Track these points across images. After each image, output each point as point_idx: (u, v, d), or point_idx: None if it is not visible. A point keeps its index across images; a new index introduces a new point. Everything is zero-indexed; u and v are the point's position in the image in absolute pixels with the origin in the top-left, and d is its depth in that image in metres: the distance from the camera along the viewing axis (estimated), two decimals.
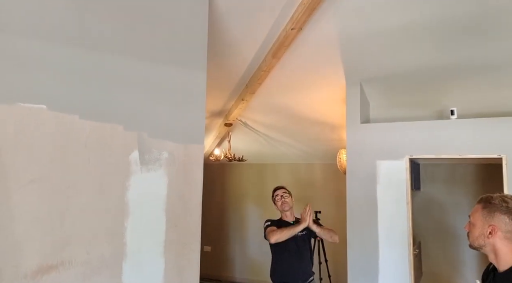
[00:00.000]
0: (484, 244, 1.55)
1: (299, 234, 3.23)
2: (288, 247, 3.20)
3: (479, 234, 1.56)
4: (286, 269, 3.23)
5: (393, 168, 3.95)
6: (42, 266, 1.59)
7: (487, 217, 1.54)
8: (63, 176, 1.70)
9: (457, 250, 5.28)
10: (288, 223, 3.34)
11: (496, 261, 1.54)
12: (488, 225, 1.53)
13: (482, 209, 1.57)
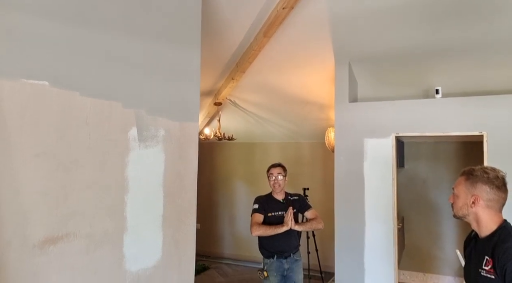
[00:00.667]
0: (467, 213, 1.67)
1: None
2: (278, 222, 3.30)
3: (462, 204, 1.67)
4: (275, 244, 3.33)
5: (380, 146, 4.08)
6: (48, 237, 1.65)
7: (470, 188, 1.65)
8: (66, 152, 1.75)
9: (438, 224, 5.51)
10: (277, 201, 3.42)
11: (478, 228, 1.67)
12: (471, 195, 1.64)
13: (465, 181, 1.68)
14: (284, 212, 3.31)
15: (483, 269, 1.57)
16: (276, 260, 3.27)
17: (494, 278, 1.53)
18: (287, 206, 3.39)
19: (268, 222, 3.34)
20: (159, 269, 2.30)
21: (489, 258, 1.55)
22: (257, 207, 3.35)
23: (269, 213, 3.36)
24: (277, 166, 3.52)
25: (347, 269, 4.09)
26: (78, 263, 1.79)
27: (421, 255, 5.56)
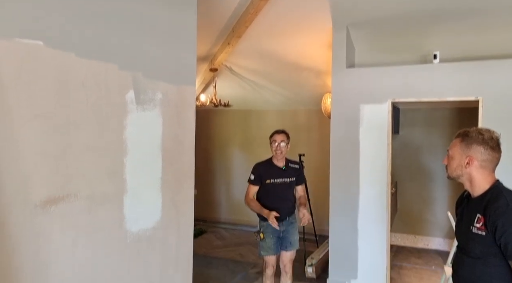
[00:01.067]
0: (461, 174, 1.71)
1: (287, 180, 3.44)
2: (276, 191, 3.41)
3: (457, 165, 1.71)
4: (272, 209, 3.36)
5: (376, 112, 4.09)
6: (50, 197, 1.68)
7: (465, 149, 1.68)
8: (64, 114, 1.75)
9: (430, 189, 5.63)
10: (278, 168, 3.45)
11: (471, 188, 1.71)
12: (465, 156, 1.68)
13: (460, 143, 1.72)
14: (283, 179, 3.39)
15: (474, 227, 1.62)
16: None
17: (485, 234, 1.58)
18: (287, 173, 3.45)
19: (267, 191, 3.41)
20: (158, 230, 2.36)
21: (481, 216, 1.61)
22: (253, 179, 3.41)
23: (267, 180, 3.41)
24: (281, 133, 3.49)
25: (341, 231, 4.20)
26: (80, 223, 1.82)
27: (413, 218, 5.72)
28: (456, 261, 1.78)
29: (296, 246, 3.50)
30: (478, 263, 1.63)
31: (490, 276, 1.60)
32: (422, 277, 4.55)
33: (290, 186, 3.50)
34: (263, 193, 3.42)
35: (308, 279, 4.44)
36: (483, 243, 1.60)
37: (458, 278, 1.74)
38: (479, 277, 1.63)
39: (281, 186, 3.42)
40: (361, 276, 4.11)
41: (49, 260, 1.68)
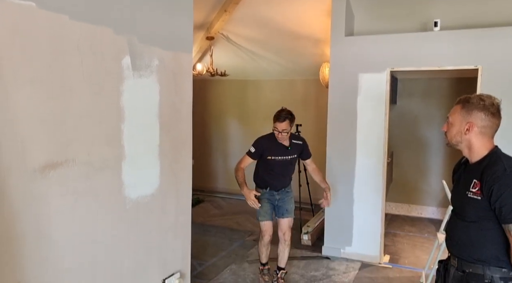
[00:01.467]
0: (460, 140, 1.71)
1: (289, 157, 3.40)
2: (276, 167, 3.40)
3: (457, 132, 1.71)
4: (270, 181, 3.44)
5: (374, 81, 4.06)
6: (48, 163, 1.68)
7: (465, 115, 1.68)
8: (59, 78, 1.72)
9: (425, 159, 5.68)
10: (283, 146, 3.38)
11: (469, 155, 1.72)
12: (466, 123, 1.67)
13: (461, 109, 1.71)
14: (285, 157, 3.36)
15: (470, 191, 1.64)
16: (268, 191, 3.44)
17: (480, 199, 1.61)
18: (291, 152, 3.39)
19: (267, 165, 3.40)
20: (157, 197, 2.38)
21: (477, 180, 1.63)
22: (253, 152, 3.36)
23: (269, 156, 3.36)
24: (284, 121, 3.24)
25: (337, 200, 4.25)
26: (79, 188, 1.83)
27: (408, 188, 5.80)
28: (450, 225, 1.81)
29: (292, 214, 3.52)
30: (472, 226, 1.66)
31: (484, 238, 1.63)
32: (415, 244, 4.67)
33: (290, 163, 3.48)
34: (263, 166, 3.43)
35: (304, 247, 4.54)
36: (478, 207, 1.62)
37: (452, 241, 1.78)
38: (473, 239, 1.66)
39: (282, 162, 3.40)
40: (355, 243, 4.21)
41: (49, 225, 1.70)
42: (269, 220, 3.41)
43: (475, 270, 1.65)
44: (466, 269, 1.68)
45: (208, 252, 4.35)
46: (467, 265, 1.68)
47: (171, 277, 2.51)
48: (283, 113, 3.26)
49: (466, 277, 1.67)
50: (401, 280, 3.76)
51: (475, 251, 1.65)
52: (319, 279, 3.75)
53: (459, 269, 1.72)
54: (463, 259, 1.69)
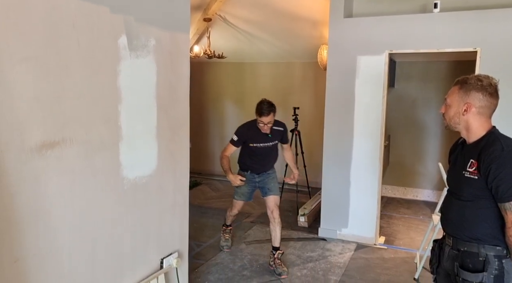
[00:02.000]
0: (458, 121, 1.72)
1: (269, 144, 3.59)
2: (259, 153, 3.60)
3: (454, 113, 1.72)
4: (254, 165, 3.67)
5: (372, 63, 4.05)
6: (45, 142, 1.67)
7: (463, 96, 1.69)
8: (55, 57, 1.70)
9: (422, 142, 5.71)
10: (264, 134, 3.53)
11: (467, 135, 1.73)
12: (463, 103, 1.68)
13: (459, 90, 1.71)
14: (267, 144, 3.55)
15: (466, 171, 1.66)
16: (250, 174, 3.67)
17: (477, 178, 1.62)
18: (272, 139, 3.57)
19: (249, 150, 3.59)
20: (155, 177, 2.38)
21: (475, 160, 1.64)
22: (236, 140, 3.55)
23: (251, 143, 3.55)
24: (268, 114, 3.37)
25: (334, 182, 4.29)
26: (77, 167, 1.83)
27: (404, 171, 5.84)
28: (446, 205, 1.83)
29: (276, 192, 3.67)
30: (468, 205, 1.68)
31: (480, 217, 1.66)
32: (410, 226, 4.72)
33: (272, 148, 3.66)
34: (247, 151, 3.63)
35: (301, 228, 4.59)
36: (475, 187, 1.64)
37: (447, 220, 1.80)
38: (468, 218, 1.68)
39: (264, 149, 3.60)
40: (351, 225, 4.26)
41: (48, 204, 1.70)
42: (243, 200, 3.76)
43: (470, 249, 1.67)
44: (461, 248, 1.71)
45: (206, 233, 4.39)
46: (462, 244, 1.71)
47: (169, 256, 2.53)
48: (265, 107, 3.37)
49: (461, 256, 1.70)
50: (396, 260, 3.82)
51: (470, 230, 1.68)
52: (315, 259, 3.80)
53: (454, 248, 1.74)
54: (458, 238, 1.72)
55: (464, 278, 1.65)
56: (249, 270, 3.57)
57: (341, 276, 3.48)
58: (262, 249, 4.02)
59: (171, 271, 2.58)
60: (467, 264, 1.67)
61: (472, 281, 1.63)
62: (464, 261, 1.68)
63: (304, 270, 3.58)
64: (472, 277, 1.63)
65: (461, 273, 1.66)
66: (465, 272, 1.65)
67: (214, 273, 3.49)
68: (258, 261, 3.75)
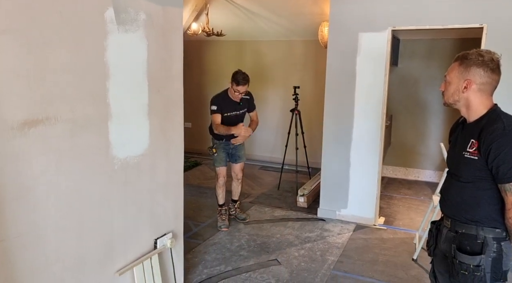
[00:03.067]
0: (458, 99, 1.64)
1: (239, 112, 3.94)
2: (230, 122, 3.88)
3: (454, 90, 1.63)
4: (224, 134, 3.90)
5: (375, 41, 3.92)
6: (27, 120, 1.61)
7: (463, 72, 1.60)
8: (36, 30, 1.61)
9: (425, 123, 5.61)
10: (234, 102, 3.88)
11: (467, 114, 1.65)
12: (463, 80, 1.59)
13: (459, 66, 1.63)
14: (237, 112, 3.92)
15: (467, 151, 1.59)
16: (224, 141, 3.97)
17: (477, 159, 1.55)
18: (241, 107, 3.93)
19: (223, 120, 3.84)
20: (147, 157, 2.33)
21: (475, 140, 1.57)
22: (216, 109, 3.85)
23: (225, 113, 3.86)
24: (245, 84, 3.76)
25: (333, 162, 4.23)
26: (62, 146, 1.77)
27: (406, 151, 5.77)
28: (445, 186, 1.77)
29: (243, 159, 4.12)
30: (468, 186, 1.62)
31: (479, 199, 1.60)
32: (410, 207, 4.69)
33: (242, 116, 4.00)
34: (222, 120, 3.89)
35: (300, 209, 4.56)
36: (475, 167, 1.57)
37: (446, 202, 1.74)
38: (468, 200, 1.63)
39: (235, 117, 3.92)
40: (351, 206, 4.22)
41: (31, 183, 1.65)
42: (224, 166, 4.02)
43: (468, 231, 1.62)
44: (459, 230, 1.66)
45: (204, 213, 4.38)
46: (460, 226, 1.65)
47: (163, 237, 2.50)
48: (242, 77, 3.74)
49: (458, 238, 1.65)
50: (395, 241, 3.80)
51: (469, 212, 1.62)
52: (313, 240, 3.78)
53: (451, 230, 1.69)
54: (457, 220, 1.67)
55: (461, 261, 1.60)
56: (246, 250, 3.55)
57: (339, 257, 3.46)
58: (260, 229, 4.00)
59: (165, 251, 2.56)
60: (465, 246, 1.62)
61: (469, 264, 1.58)
62: (462, 243, 1.63)
63: (302, 250, 3.57)
64: (469, 260, 1.58)
65: (458, 256, 1.62)
66: (462, 255, 1.60)
67: (211, 253, 3.48)
68: (256, 241, 3.73)
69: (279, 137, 6.22)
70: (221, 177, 4.03)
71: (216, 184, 4.08)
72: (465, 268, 1.59)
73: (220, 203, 4.10)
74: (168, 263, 2.60)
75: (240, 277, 3.11)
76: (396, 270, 3.26)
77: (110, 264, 2.13)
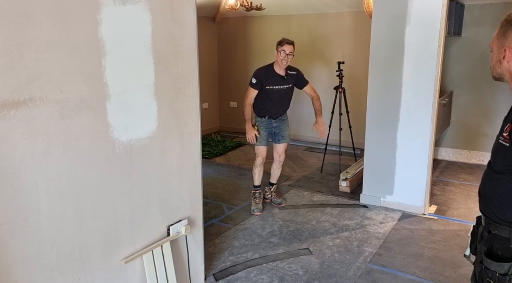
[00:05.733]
0: (501, 72, 1.34)
1: (285, 86, 3.68)
2: (274, 96, 3.67)
3: (495, 61, 1.36)
4: (270, 110, 3.73)
5: (427, 7, 3.44)
6: (7, 101, 1.52)
7: (501, 38, 1.30)
8: (10, 2, 1.49)
9: (491, 100, 4.95)
10: (279, 76, 3.64)
11: None
12: (502, 48, 1.27)
13: (499, 31, 1.32)
14: (282, 86, 3.66)
15: (502, 136, 1.29)
16: (267, 119, 3.75)
17: (508, 145, 1.24)
18: (286, 81, 3.66)
19: (266, 94, 3.65)
20: (155, 139, 2.19)
21: (511, 123, 1.24)
22: (255, 83, 3.63)
23: (267, 86, 3.63)
24: (291, 44, 3.56)
25: (378, 144, 3.87)
26: (52, 129, 1.68)
27: (468, 132, 5.17)
28: (483, 176, 1.46)
29: (287, 139, 3.89)
30: (499, 178, 1.33)
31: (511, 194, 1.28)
32: (469, 194, 4.18)
33: (287, 92, 3.74)
34: (263, 95, 3.68)
35: (341, 194, 4.25)
36: (505, 156, 1.28)
37: (479, 195, 1.46)
38: (499, 195, 1.34)
39: (279, 92, 3.67)
40: (397, 192, 3.84)
41: (15, 168, 1.57)
42: (264, 145, 3.81)
43: (500, 232, 1.33)
44: (492, 230, 1.37)
45: (239, 196, 4.24)
46: (493, 226, 1.37)
47: (177, 223, 2.38)
48: (286, 39, 3.57)
49: (490, 240, 1.35)
50: (446, 233, 3.39)
51: (500, 209, 1.33)
52: (352, 229, 3.49)
53: (486, 229, 1.41)
54: (490, 218, 1.37)
55: (486, 267, 1.33)
56: (277, 237, 3.36)
57: (377, 248, 3.15)
58: (296, 214, 3.78)
59: (180, 238, 2.44)
60: (496, 250, 1.34)
61: (496, 271, 1.30)
62: (493, 246, 1.35)
63: (337, 239, 3.30)
64: (496, 267, 1.30)
65: (484, 261, 1.35)
66: (489, 260, 1.33)
67: (240, 239, 3.33)
68: (289, 227, 3.52)
69: (327, 116, 5.86)
70: (260, 157, 3.83)
71: (254, 163, 3.89)
72: (491, 275, 1.32)
73: (256, 184, 3.91)
74: (185, 251, 2.49)
75: (266, 266, 2.93)
76: (443, 267, 2.89)
77: (115, 252, 2.05)
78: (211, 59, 6.88)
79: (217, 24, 6.75)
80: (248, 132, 3.67)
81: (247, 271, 2.86)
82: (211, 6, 6.26)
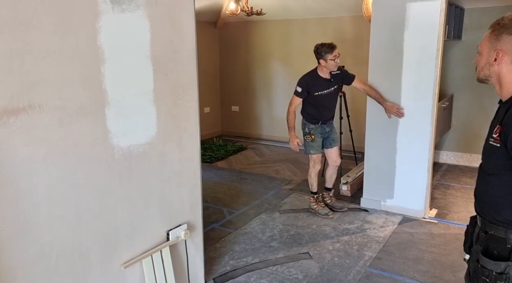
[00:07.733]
0: (489, 74, 1.36)
1: (332, 89, 3.65)
2: (323, 101, 3.65)
3: (484, 63, 1.37)
4: (322, 114, 3.71)
5: (426, 11, 3.46)
6: (6, 108, 1.54)
7: (494, 41, 1.32)
8: (10, 10, 1.52)
9: (492, 103, 4.91)
10: (325, 79, 3.61)
11: (500, 92, 1.36)
12: (494, 51, 1.29)
13: (490, 34, 1.34)
14: (330, 90, 3.63)
15: (492, 137, 1.31)
16: (320, 125, 3.72)
17: (499, 146, 1.26)
18: (333, 83, 3.64)
19: (314, 101, 3.64)
20: (155, 145, 2.21)
21: (500, 124, 1.26)
22: (300, 91, 3.61)
23: (315, 92, 3.60)
24: (336, 47, 3.55)
25: (378, 148, 3.88)
26: (51, 135, 1.70)
27: (469, 135, 5.16)
28: (477, 179, 1.48)
29: (338, 142, 3.89)
30: (492, 179, 1.36)
31: (506, 195, 1.32)
32: (470, 198, 4.17)
33: (335, 93, 3.74)
34: (312, 102, 3.67)
35: (342, 197, 4.26)
36: (496, 156, 1.31)
37: (474, 197, 1.50)
38: (493, 196, 1.36)
39: (328, 96, 3.66)
40: (397, 196, 3.84)
41: (15, 175, 1.60)
42: (320, 153, 3.80)
43: (497, 233, 1.36)
44: (488, 231, 1.39)
45: (240, 201, 4.25)
46: (489, 226, 1.39)
47: (177, 228, 2.40)
48: (328, 43, 3.55)
49: (487, 240, 1.38)
50: (446, 237, 3.39)
51: (495, 210, 1.35)
52: (352, 232, 3.49)
53: (482, 230, 1.43)
54: (485, 219, 1.40)
55: (483, 265, 1.36)
56: (278, 241, 3.37)
57: (377, 252, 3.15)
58: (296, 219, 3.79)
59: (180, 243, 2.46)
60: (492, 250, 1.36)
61: (492, 270, 1.32)
62: (490, 246, 1.38)
63: (337, 243, 3.31)
64: (493, 265, 1.33)
65: (480, 259, 1.37)
66: (485, 259, 1.35)
67: (241, 243, 3.34)
68: (290, 231, 3.53)
69: None
70: (318, 165, 3.81)
71: (311, 171, 3.84)
72: (487, 274, 1.34)
73: (314, 190, 3.90)
74: (185, 256, 2.50)
75: (266, 270, 2.94)
76: (442, 271, 2.89)
77: (115, 256, 2.07)
78: (213, 64, 6.92)
79: (218, 29, 6.80)
80: (292, 140, 3.62)
81: (247, 276, 2.87)
82: (213, 11, 6.31)
